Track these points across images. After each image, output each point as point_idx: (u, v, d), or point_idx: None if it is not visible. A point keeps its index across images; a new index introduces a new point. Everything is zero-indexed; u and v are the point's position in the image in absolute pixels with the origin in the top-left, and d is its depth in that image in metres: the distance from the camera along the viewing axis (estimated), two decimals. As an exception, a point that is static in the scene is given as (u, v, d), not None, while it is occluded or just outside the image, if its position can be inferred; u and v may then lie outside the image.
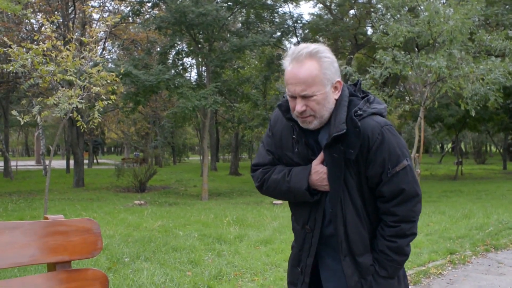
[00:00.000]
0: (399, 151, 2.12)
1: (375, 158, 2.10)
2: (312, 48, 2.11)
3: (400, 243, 2.11)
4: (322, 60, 2.09)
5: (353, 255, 2.16)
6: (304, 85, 2.07)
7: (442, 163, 47.11)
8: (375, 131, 2.10)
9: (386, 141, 2.10)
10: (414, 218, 2.12)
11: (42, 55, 7.75)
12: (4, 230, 2.48)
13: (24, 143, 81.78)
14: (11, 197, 16.65)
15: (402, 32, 13.55)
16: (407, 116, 32.45)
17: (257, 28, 23.39)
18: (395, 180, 2.09)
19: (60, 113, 7.41)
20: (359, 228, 2.15)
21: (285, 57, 2.16)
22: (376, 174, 2.12)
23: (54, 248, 2.63)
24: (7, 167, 29.21)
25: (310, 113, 2.12)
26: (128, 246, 7.13)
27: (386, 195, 2.12)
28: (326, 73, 2.09)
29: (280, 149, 2.34)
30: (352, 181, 2.14)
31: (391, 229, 2.11)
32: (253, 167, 2.44)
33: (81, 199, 16.03)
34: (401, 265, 2.18)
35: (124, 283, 5.28)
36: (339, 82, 2.16)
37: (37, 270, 5.52)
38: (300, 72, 2.07)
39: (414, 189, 2.11)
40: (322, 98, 2.10)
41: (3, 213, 11.59)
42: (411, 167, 2.13)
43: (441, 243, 7.63)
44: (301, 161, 2.26)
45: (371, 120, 2.12)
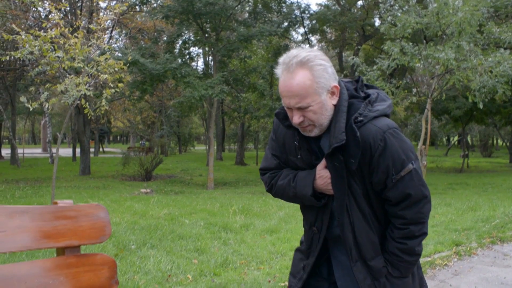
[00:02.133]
0: (403, 155, 2.04)
1: (378, 165, 2.04)
2: (303, 56, 2.00)
3: (410, 244, 2.08)
4: (314, 69, 1.99)
5: (364, 259, 2.14)
6: (298, 97, 1.99)
7: (448, 155, 47.00)
8: (377, 137, 2.02)
9: (388, 147, 2.02)
10: (423, 219, 2.08)
11: (50, 42, 7.76)
12: (14, 214, 2.49)
13: (30, 131, 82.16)
14: (18, 184, 16.74)
15: (410, 23, 13.46)
16: (414, 108, 32.35)
17: (264, 18, 23.32)
18: (401, 186, 2.04)
19: (68, 100, 7.43)
20: (368, 233, 2.13)
21: (278, 65, 2.06)
22: (380, 181, 2.07)
23: (63, 233, 2.65)
24: (14, 155, 29.34)
25: (309, 123, 2.06)
26: (134, 234, 7.17)
27: (393, 200, 2.08)
28: (319, 82, 2.00)
29: (284, 154, 2.31)
30: (357, 187, 2.10)
31: (400, 231, 2.08)
32: (261, 171, 2.43)
33: (87, 187, 16.10)
34: (413, 265, 2.14)
35: (130, 269, 5.32)
36: (335, 87, 2.06)
37: (45, 255, 5.56)
38: (293, 84, 1.98)
39: (421, 192, 2.06)
40: (318, 108, 2.02)
41: (10, 199, 11.65)
42: (416, 170, 2.07)
43: (447, 235, 7.62)
44: (305, 166, 2.23)
45: (372, 125, 2.04)
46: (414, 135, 48.47)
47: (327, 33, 30.05)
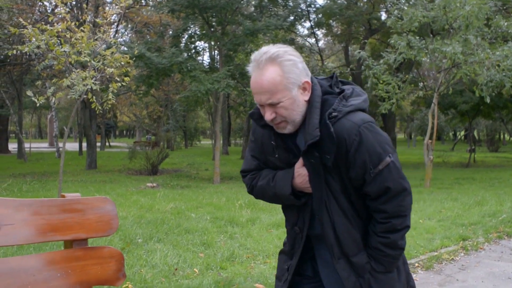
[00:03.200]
0: (379, 149, 2.01)
1: (355, 160, 2.01)
2: (272, 52, 2.00)
3: (393, 238, 2.05)
4: (283, 64, 1.98)
5: (346, 256, 2.12)
6: (268, 93, 1.98)
7: (455, 150, 46.84)
8: (352, 132, 1.99)
9: (364, 141, 1.99)
10: (404, 213, 2.05)
11: (57, 36, 7.77)
12: (22, 207, 2.50)
13: (37, 126, 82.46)
14: (25, 178, 16.82)
15: (417, 17, 13.42)
16: (420, 102, 32.23)
17: (270, 12, 23.25)
18: (379, 179, 2.01)
19: (75, 94, 7.45)
20: (349, 229, 2.10)
21: (250, 62, 2.05)
22: (358, 176, 2.04)
23: (71, 226, 2.65)
24: (21, 149, 29.47)
25: (281, 119, 2.05)
26: (141, 227, 7.19)
27: (372, 194, 2.05)
28: (289, 77, 1.98)
29: (263, 154, 2.29)
30: (335, 184, 2.08)
31: (382, 225, 2.05)
32: (242, 173, 2.42)
33: (94, 181, 16.15)
34: (397, 259, 2.11)
35: (137, 263, 5.34)
36: (307, 82, 2.05)
37: (52, 248, 5.59)
38: (262, 80, 1.98)
39: (400, 184, 2.03)
40: (289, 103, 2.01)
41: (17, 193, 11.71)
42: (394, 163, 2.04)
43: (453, 229, 7.61)
44: (284, 165, 2.21)
45: (347, 120, 2.01)
46: (420, 130, 48.38)
47: (333, 27, 29.92)
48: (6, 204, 2.46)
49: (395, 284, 2.14)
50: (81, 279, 2.64)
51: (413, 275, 5.38)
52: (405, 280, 2.22)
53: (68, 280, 2.59)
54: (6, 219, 2.43)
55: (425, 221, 8.37)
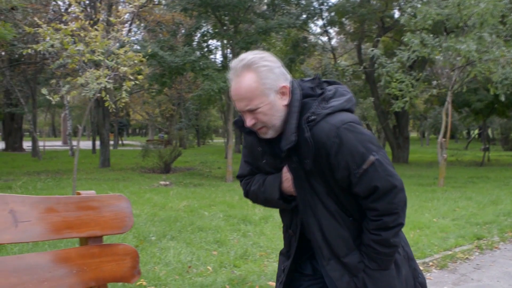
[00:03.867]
0: (361, 148, 1.98)
1: (338, 162, 1.99)
2: (248, 59, 2.02)
3: (385, 236, 2.03)
4: (258, 70, 2.00)
5: (337, 257, 2.11)
6: (246, 100, 2.01)
7: (468, 149, 46.46)
8: (331, 134, 1.98)
9: (345, 142, 1.97)
10: (396, 210, 2.02)
11: (71, 35, 7.82)
12: (38, 204, 2.52)
13: (51, 124, 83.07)
14: (39, 176, 16.94)
15: (431, 14, 13.31)
16: (434, 101, 32.00)
17: (283, 10, 23.20)
18: (365, 179, 1.99)
19: (89, 93, 7.49)
20: (337, 230, 2.09)
21: (230, 70, 2.08)
22: (344, 178, 2.02)
23: (86, 223, 2.67)
24: (35, 147, 29.70)
25: (261, 125, 2.06)
26: (154, 225, 7.22)
27: (361, 194, 2.03)
28: (265, 83, 2.00)
29: (254, 159, 2.31)
30: (320, 187, 2.07)
31: (374, 222, 2.03)
32: (238, 179, 2.45)
33: (107, 179, 16.23)
34: (390, 256, 2.08)
35: (151, 260, 5.36)
36: (284, 87, 2.05)
37: (66, 246, 5.62)
38: (239, 87, 2.01)
39: (388, 182, 2.00)
40: (268, 109, 2.02)
41: (32, 191, 11.80)
42: (380, 161, 2.00)
43: (468, 228, 7.56)
44: (273, 170, 2.23)
45: (325, 123, 2.00)
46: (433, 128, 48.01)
47: (346, 25, 29.80)
48: (23, 201, 2.48)
49: (392, 282, 2.11)
50: (96, 276, 2.66)
51: (427, 274, 5.37)
52: (411, 277, 2.21)
53: (83, 276, 2.61)
54: (22, 216, 2.45)
55: (439, 220, 8.32)
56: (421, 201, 10.74)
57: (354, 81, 23.75)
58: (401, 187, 2.03)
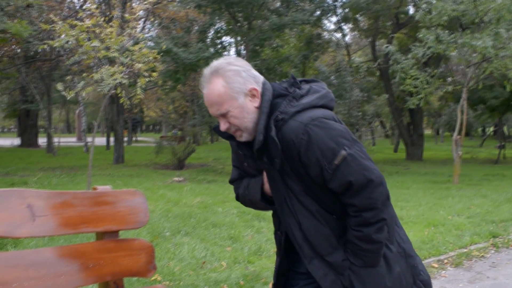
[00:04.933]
0: (332, 143, 1.95)
1: (309, 159, 1.97)
2: (215, 65, 2.05)
3: (366, 232, 1.97)
4: (225, 75, 2.02)
5: (320, 256, 2.07)
6: (216, 105, 2.03)
7: (484, 146, 46.05)
8: (299, 132, 1.96)
9: (313, 139, 1.94)
10: (375, 205, 1.96)
11: (86, 32, 7.87)
12: (55, 199, 2.54)
13: (65, 120, 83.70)
14: (54, 172, 17.08)
15: (446, 10, 13.19)
16: (448, 97, 31.74)
17: (297, 6, 23.16)
18: (339, 174, 1.95)
19: (104, 88, 7.54)
20: (319, 229, 2.05)
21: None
22: (317, 175, 1.99)
23: (103, 218, 2.69)
24: (50, 143, 29.96)
25: (235, 128, 2.07)
26: (168, 221, 7.25)
27: (337, 190, 1.99)
28: (233, 87, 2.01)
29: (240, 163, 2.32)
30: (295, 185, 2.05)
31: (354, 219, 1.99)
32: (230, 183, 2.48)
33: (121, 175, 16.32)
34: (375, 253, 2.02)
35: (165, 256, 5.38)
36: (254, 89, 2.05)
37: (82, 240, 5.67)
38: (209, 93, 2.03)
39: (363, 177, 1.94)
40: (238, 112, 2.03)
41: (47, 186, 11.91)
42: (352, 155, 1.95)
43: (483, 226, 7.50)
44: (256, 172, 2.24)
45: (294, 121, 1.99)
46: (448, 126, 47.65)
47: (360, 21, 29.64)
48: (40, 196, 2.50)
49: (381, 280, 2.05)
50: (112, 271, 2.67)
51: (443, 272, 5.34)
52: (410, 275, 2.13)
53: (100, 271, 2.63)
54: (40, 210, 2.47)
55: (453, 217, 8.26)
56: (435, 198, 10.67)
57: (368, 78, 23.61)
58: (379, 181, 1.97)
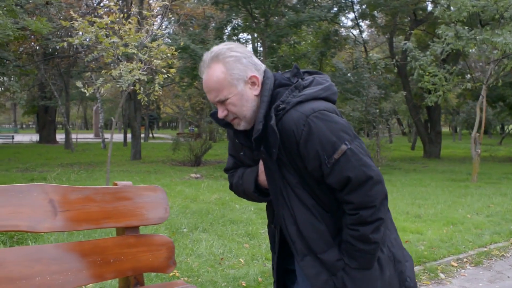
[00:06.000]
0: (333, 137, 1.89)
1: (308, 152, 1.90)
2: (215, 51, 2.00)
3: (363, 231, 1.90)
4: (225, 61, 1.97)
5: (314, 253, 1.99)
6: (215, 91, 1.98)
7: (503, 144, 45.53)
8: (299, 123, 1.90)
9: (314, 131, 1.89)
10: (373, 203, 1.89)
11: (105, 28, 7.92)
12: (77, 194, 2.56)
13: (83, 117, 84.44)
14: (72, 168, 17.24)
15: (466, 6, 13.04)
16: (467, 95, 31.44)
17: (314, 3, 23.07)
18: (337, 169, 1.89)
19: (123, 85, 7.58)
20: (314, 225, 1.98)
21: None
22: (315, 168, 1.93)
23: (124, 213, 2.70)
24: (68, 139, 30.25)
25: (233, 116, 2.02)
26: (186, 217, 7.27)
27: (335, 185, 1.93)
28: (233, 73, 1.96)
29: (236, 152, 2.28)
30: (292, 178, 1.98)
31: (351, 217, 1.92)
32: (225, 172, 2.42)
33: (138, 171, 16.42)
34: (371, 254, 1.94)
35: (183, 252, 5.40)
36: (254, 76, 2.00)
37: (100, 236, 5.70)
38: (208, 79, 1.99)
39: (362, 173, 1.88)
40: (237, 99, 1.98)
41: (66, 182, 12.02)
42: (353, 150, 1.90)
43: (503, 225, 7.42)
44: (252, 163, 2.19)
45: (295, 111, 1.93)
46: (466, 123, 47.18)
47: (377, 18, 29.43)
48: (63, 191, 2.52)
49: (374, 283, 1.98)
50: (133, 266, 2.69)
51: (462, 271, 5.29)
52: (397, 280, 2.06)
53: (120, 266, 2.64)
54: (62, 205, 2.49)
55: (473, 216, 8.18)
56: (454, 196, 10.57)
57: (386, 75, 23.42)
58: (378, 179, 1.92)
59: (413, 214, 8.23)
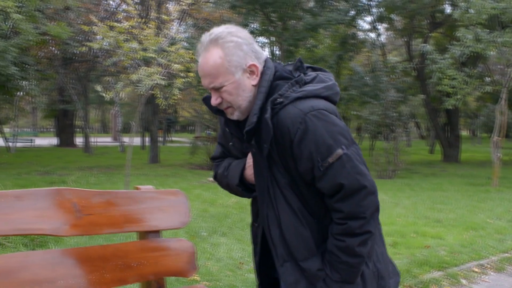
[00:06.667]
0: (329, 140, 1.77)
1: (301, 152, 1.79)
2: (215, 34, 1.87)
3: (349, 243, 1.79)
4: (225, 46, 1.83)
5: (295, 260, 1.89)
6: (210, 77, 1.85)
7: (523, 148, 44.96)
8: (296, 120, 1.77)
9: (310, 130, 1.77)
10: (364, 214, 1.78)
11: (124, 33, 7.98)
12: (99, 198, 2.57)
13: (101, 120, 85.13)
14: (91, 171, 17.38)
15: (485, 8, 12.91)
16: (486, 98, 31.10)
17: (331, 6, 23.04)
18: (330, 174, 1.78)
19: (142, 89, 7.64)
20: (298, 229, 1.87)
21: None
22: (307, 170, 1.81)
23: (146, 217, 2.71)
24: (87, 143, 30.53)
25: (227, 104, 1.90)
26: (205, 221, 7.29)
27: (325, 191, 1.82)
28: (231, 60, 1.83)
29: (225, 141, 2.16)
30: (282, 177, 1.87)
31: (339, 226, 1.81)
32: (211, 160, 2.34)
33: (156, 174, 16.50)
34: (355, 268, 1.84)
35: (203, 256, 5.41)
36: (254, 65, 1.87)
37: (121, 240, 5.74)
38: (205, 63, 1.85)
39: (356, 181, 1.77)
40: (233, 88, 1.85)
41: (85, 185, 12.12)
42: (349, 156, 1.79)
43: (526, 230, 7.31)
44: (239, 154, 2.09)
45: (293, 107, 1.80)
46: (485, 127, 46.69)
47: (395, 21, 29.29)
48: (86, 195, 2.54)
49: None
50: (154, 270, 2.69)
51: (484, 277, 5.21)
52: None
53: (142, 270, 2.65)
54: (85, 209, 2.51)
55: (494, 221, 8.07)
56: (474, 201, 10.45)
57: (404, 78, 23.29)
58: (372, 189, 1.81)
59: (433, 219, 8.15)
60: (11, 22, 13.64)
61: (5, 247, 5.72)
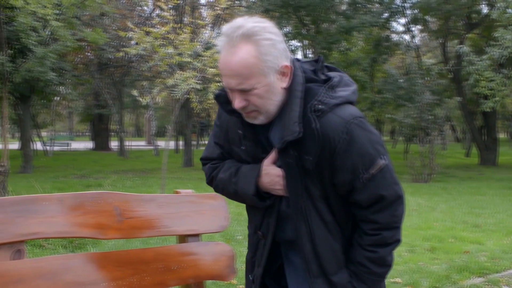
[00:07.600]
0: (372, 150, 1.69)
1: (343, 163, 1.68)
2: (247, 27, 1.62)
3: (381, 253, 1.75)
4: (260, 44, 1.61)
5: (326, 275, 1.80)
6: (239, 78, 1.62)
7: None
8: (340, 130, 1.65)
9: (355, 140, 1.66)
10: (397, 224, 1.75)
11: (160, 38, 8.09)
12: (141, 202, 2.60)
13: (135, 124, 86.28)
14: (126, 174, 17.63)
15: (525, 8, 12.64)
16: (525, 100, 30.36)
17: (364, 8, 22.87)
18: (372, 186, 1.70)
19: (178, 93, 7.72)
20: (329, 243, 1.79)
21: (220, 35, 1.67)
22: (346, 182, 1.72)
23: (186, 221, 2.72)
24: (122, 147, 30.99)
25: (252, 108, 1.69)
26: (240, 225, 7.30)
27: (363, 203, 1.74)
28: (266, 60, 1.62)
29: (228, 143, 1.96)
30: (316, 190, 1.75)
31: (371, 237, 1.75)
32: (202, 161, 2.16)
33: (191, 178, 16.63)
34: (382, 277, 1.82)
35: (238, 259, 5.38)
36: (286, 66, 1.68)
37: (157, 243, 5.78)
38: (234, 61, 1.61)
39: (394, 192, 1.73)
40: (264, 91, 1.65)
41: (121, 189, 12.28)
42: (388, 166, 1.72)
43: None
44: (250, 159, 1.89)
45: (334, 115, 1.67)
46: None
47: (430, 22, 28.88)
48: (126, 199, 2.57)
49: None
50: (194, 274, 2.70)
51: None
52: None
53: (182, 273, 2.66)
54: (126, 213, 2.54)
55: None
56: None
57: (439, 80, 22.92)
58: (403, 199, 1.77)
59: (472, 224, 7.99)
60: (50, 29, 13.96)
61: (44, 248, 5.85)
